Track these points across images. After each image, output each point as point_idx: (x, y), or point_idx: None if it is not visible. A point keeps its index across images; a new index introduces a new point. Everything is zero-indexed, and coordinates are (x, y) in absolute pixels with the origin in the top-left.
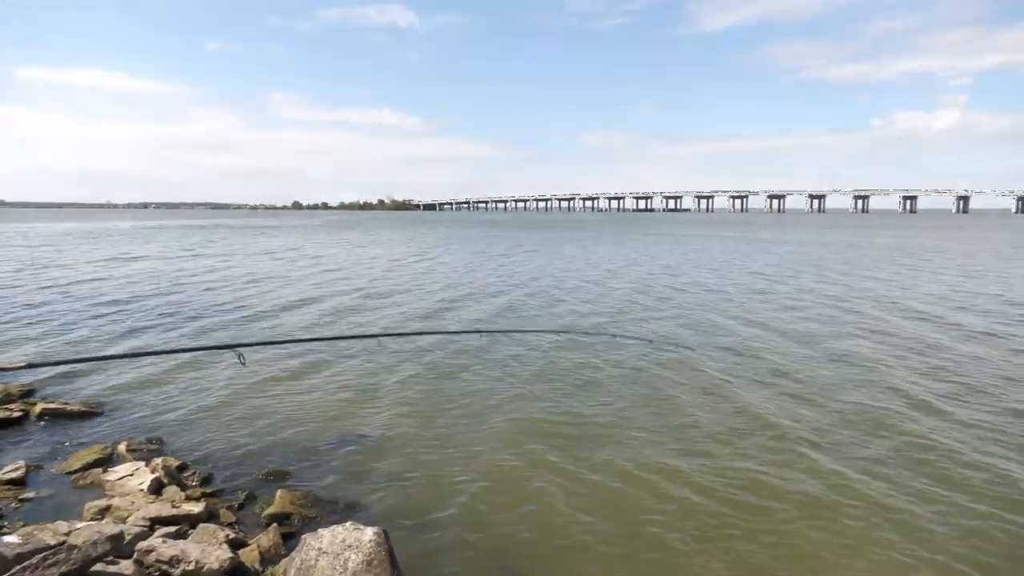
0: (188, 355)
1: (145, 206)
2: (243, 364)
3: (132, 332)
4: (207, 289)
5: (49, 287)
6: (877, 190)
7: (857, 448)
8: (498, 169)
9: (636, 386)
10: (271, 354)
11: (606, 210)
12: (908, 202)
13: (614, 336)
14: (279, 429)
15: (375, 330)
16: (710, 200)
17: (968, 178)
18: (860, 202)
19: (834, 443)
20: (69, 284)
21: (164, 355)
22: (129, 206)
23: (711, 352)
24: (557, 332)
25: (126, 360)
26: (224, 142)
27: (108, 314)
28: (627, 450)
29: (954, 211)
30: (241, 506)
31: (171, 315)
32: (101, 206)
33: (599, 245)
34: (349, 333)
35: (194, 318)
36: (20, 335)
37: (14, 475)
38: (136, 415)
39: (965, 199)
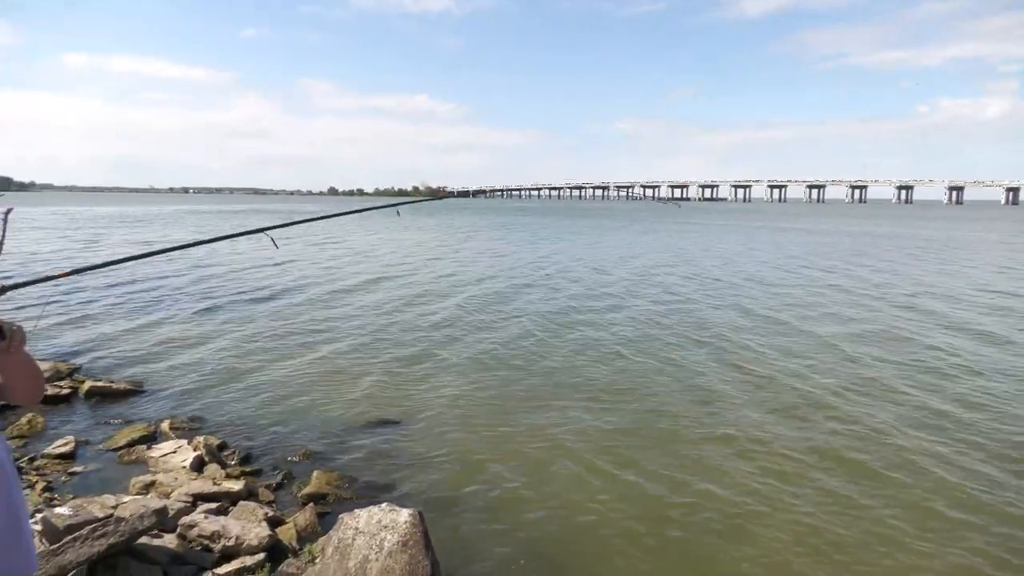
0: (228, 336)
1: (186, 191)
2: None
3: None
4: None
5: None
6: (922, 180)
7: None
8: (532, 157)
9: (681, 384)
10: (305, 331)
11: (640, 198)
12: (955, 193)
13: (656, 331)
14: (314, 409)
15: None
16: (747, 190)
17: (1019, 168)
18: (904, 192)
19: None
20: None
21: (204, 244)
22: (172, 190)
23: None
24: (606, 327)
25: (164, 256)
26: (261, 129)
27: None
28: (668, 447)
29: (1003, 202)
30: (279, 485)
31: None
32: (144, 191)
33: (656, 236)
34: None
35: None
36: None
37: (64, 450)
38: (178, 394)
39: (1015, 190)
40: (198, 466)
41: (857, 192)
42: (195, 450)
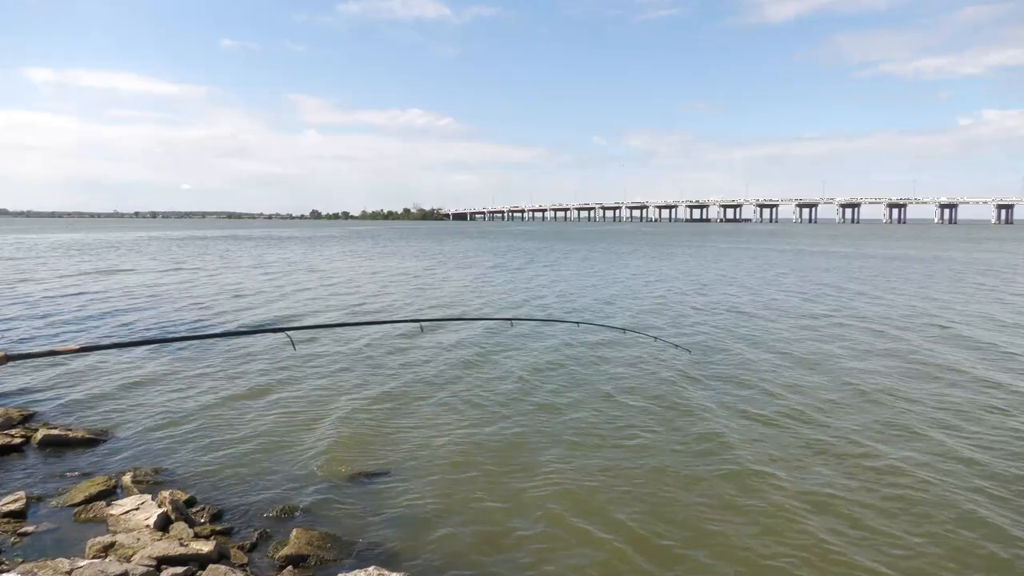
0: (198, 378)
1: (154, 215)
2: (294, 348)
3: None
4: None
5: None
6: (969, 200)
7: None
8: (536, 175)
9: (683, 430)
10: (285, 378)
11: (655, 220)
12: (1004, 212)
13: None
14: (293, 459)
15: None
16: (774, 209)
17: None
18: (947, 212)
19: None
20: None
21: (217, 337)
22: (137, 215)
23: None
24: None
25: (153, 349)
26: (240, 146)
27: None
28: (687, 498)
29: None
30: (254, 546)
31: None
32: (108, 215)
33: (672, 261)
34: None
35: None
36: None
37: (14, 507)
38: (142, 443)
39: None
40: (163, 524)
41: (896, 211)
42: (160, 506)
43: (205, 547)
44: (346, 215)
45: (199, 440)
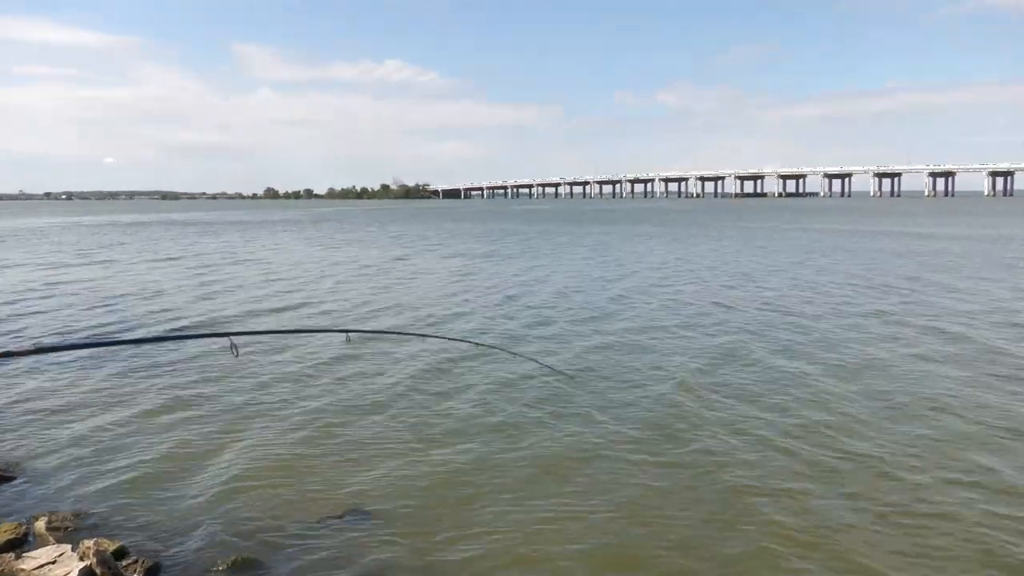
0: (128, 397)
1: (69, 197)
2: (236, 355)
3: None
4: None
5: None
6: None
7: None
8: (546, 142)
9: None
10: (239, 403)
11: (697, 196)
12: None
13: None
14: (247, 498)
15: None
16: (846, 180)
17: None
18: None
19: None
20: None
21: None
22: (48, 197)
23: None
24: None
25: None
26: (176, 110)
27: None
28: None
29: None
30: None
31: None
32: (13, 197)
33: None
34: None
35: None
36: None
37: None
38: (61, 480)
39: None
40: None
41: (1001, 181)
42: (83, 559)
43: None
44: (309, 194)
45: (130, 476)
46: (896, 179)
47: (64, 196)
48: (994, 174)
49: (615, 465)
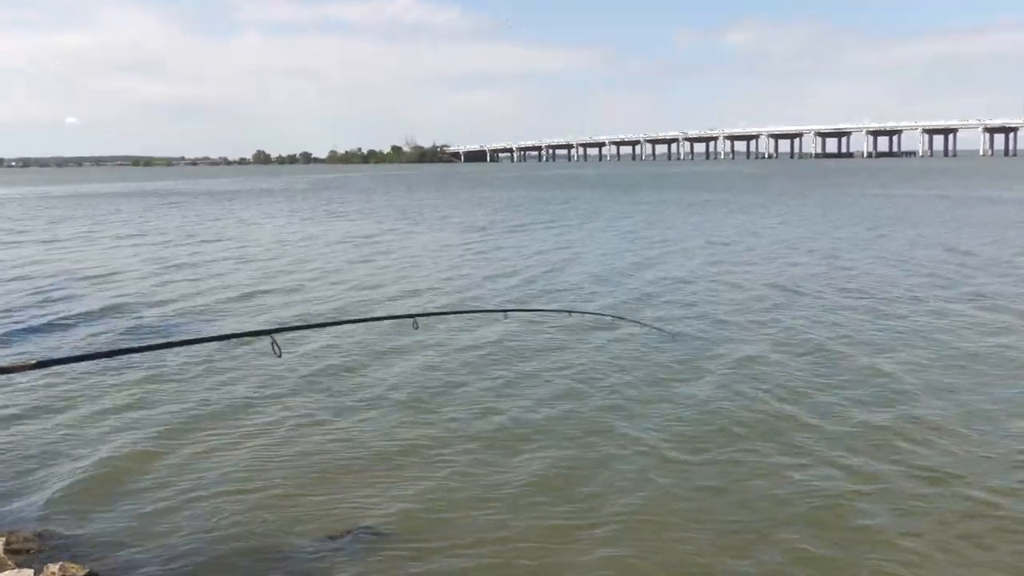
0: (96, 401)
1: (25, 164)
2: (278, 355)
3: None
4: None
5: None
6: None
7: None
8: (590, 94)
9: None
10: (220, 400)
11: (770, 156)
12: None
13: None
14: (237, 517)
15: None
16: (950, 136)
17: None
18: None
19: None
20: None
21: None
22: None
23: None
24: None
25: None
26: (147, 58)
27: None
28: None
29: None
30: None
31: None
32: None
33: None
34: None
35: None
36: None
37: None
38: (23, 496)
39: None
40: None
41: None
42: None
43: None
44: (307, 158)
45: (102, 491)
46: (1012, 135)
47: (16, 163)
48: None
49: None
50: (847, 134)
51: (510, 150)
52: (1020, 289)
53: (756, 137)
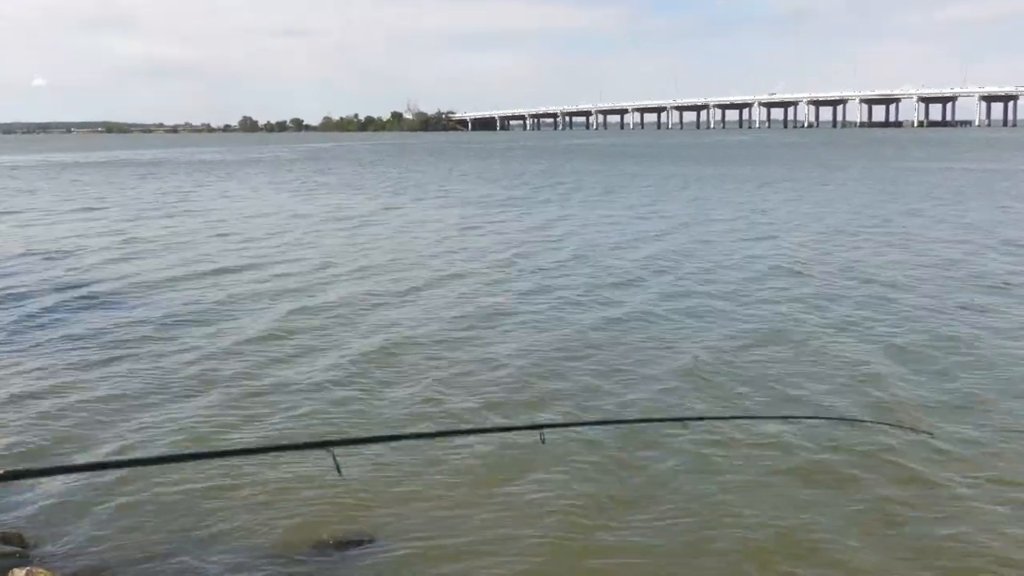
0: (73, 388)
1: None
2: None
3: None
4: None
5: None
6: None
7: None
8: (610, 55)
9: None
10: (208, 379)
11: (810, 125)
12: None
13: None
14: (226, 520)
15: None
16: (1011, 103)
17: None
18: None
19: None
20: None
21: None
22: None
23: None
24: None
25: None
26: (121, 14)
27: None
28: None
29: None
30: None
31: None
32: None
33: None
34: None
35: None
36: None
37: None
38: None
39: None
40: None
41: None
42: None
43: None
44: (299, 125)
45: (81, 487)
46: None
47: None
48: None
49: None
50: (896, 101)
51: (523, 117)
52: None
53: (795, 104)
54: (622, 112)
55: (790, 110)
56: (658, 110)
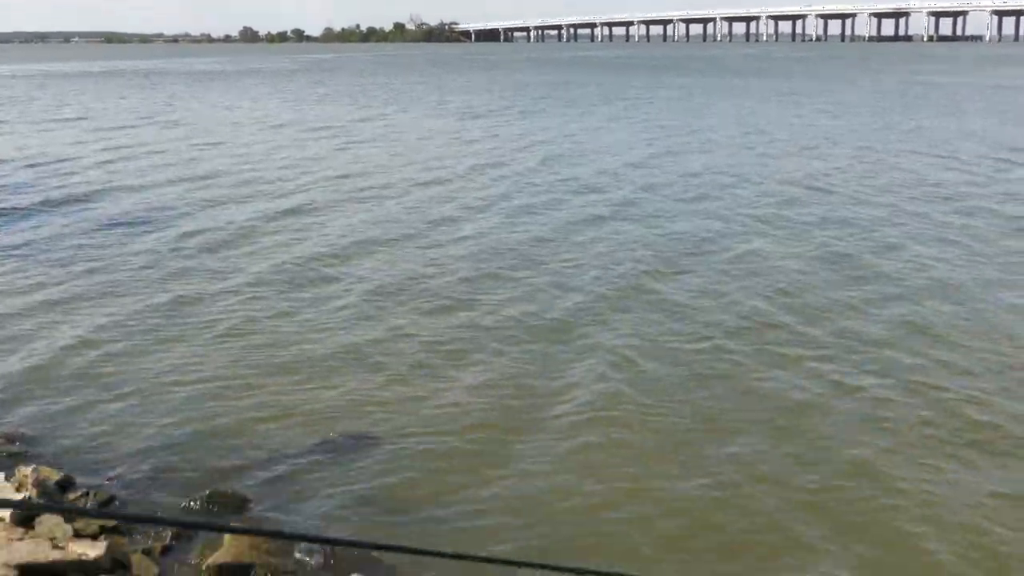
0: (75, 299)
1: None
2: None
3: None
4: None
5: None
6: None
7: None
8: None
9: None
10: (205, 286)
11: (818, 39)
12: None
13: None
14: (222, 416)
15: None
16: (1023, 19)
17: None
18: None
19: None
20: None
21: None
22: None
23: None
24: None
25: None
26: None
27: None
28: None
29: None
30: (167, 549)
31: None
32: None
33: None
34: None
35: None
36: None
37: None
38: None
39: None
40: (26, 517)
41: None
42: (20, 489)
43: (92, 551)
44: (300, 36)
45: (79, 391)
46: None
47: None
48: None
49: None
50: (905, 14)
51: (526, 29)
52: None
53: (803, 18)
54: (628, 24)
55: (798, 24)
56: (664, 23)
